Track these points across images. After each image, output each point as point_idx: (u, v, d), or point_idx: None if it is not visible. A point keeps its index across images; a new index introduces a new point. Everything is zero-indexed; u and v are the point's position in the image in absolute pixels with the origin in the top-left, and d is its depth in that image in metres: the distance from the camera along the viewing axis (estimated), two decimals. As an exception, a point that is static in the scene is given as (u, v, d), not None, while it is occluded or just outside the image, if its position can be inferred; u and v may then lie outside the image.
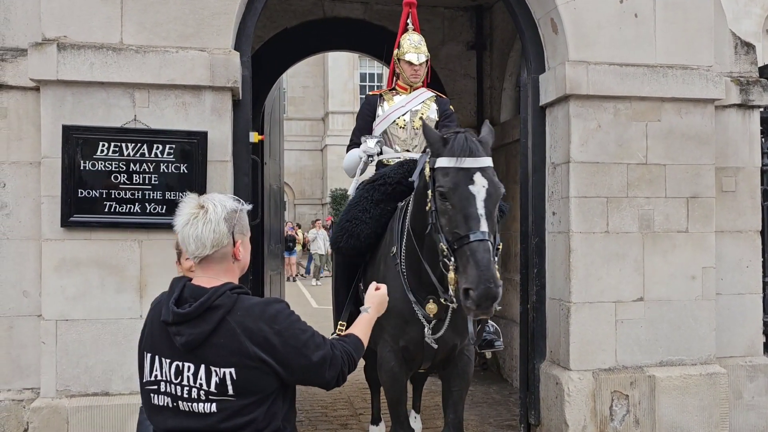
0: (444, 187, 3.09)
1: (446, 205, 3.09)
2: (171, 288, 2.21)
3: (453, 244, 3.03)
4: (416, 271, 3.73)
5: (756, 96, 5.62)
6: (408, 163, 4.28)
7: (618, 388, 5.07)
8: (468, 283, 2.93)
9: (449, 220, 3.08)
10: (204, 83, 4.56)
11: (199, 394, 2.10)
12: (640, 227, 5.16)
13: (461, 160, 3.10)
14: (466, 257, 2.96)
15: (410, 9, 4.91)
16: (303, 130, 32.80)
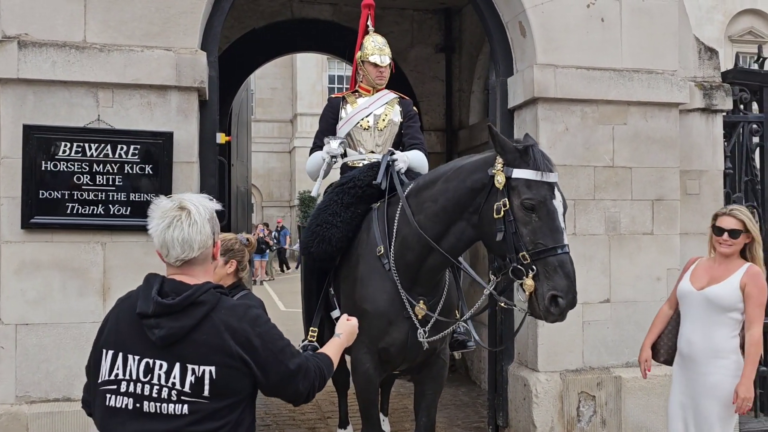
0: (533, 200, 3.22)
1: (531, 216, 3.22)
2: (147, 283, 2.14)
3: (535, 254, 3.17)
4: (413, 271, 3.74)
5: (719, 100, 5.72)
6: (377, 166, 4.26)
7: (585, 389, 5.12)
8: (558, 291, 3.14)
9: (533, 231, 3.21)
10: (170, 83, 4.49)
11: (170, 394, 2.02)
12: (606, 229, 5.21)
13: (545, 174, 3.26)
14: (554, 267, 3.15)
15: (369, 11, 4.90)
16: (271, 132, 32.61)
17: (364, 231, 4.05)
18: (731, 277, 3.67)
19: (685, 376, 3.74)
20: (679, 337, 3.80)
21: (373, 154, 4.58)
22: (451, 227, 3.59)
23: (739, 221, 3.67)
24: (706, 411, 3.65)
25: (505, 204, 3.26)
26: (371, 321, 3.81)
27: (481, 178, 3.44)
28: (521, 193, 3.24)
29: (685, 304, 3.75)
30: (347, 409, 5.43)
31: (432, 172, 3.94)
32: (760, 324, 3.73)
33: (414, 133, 4.70)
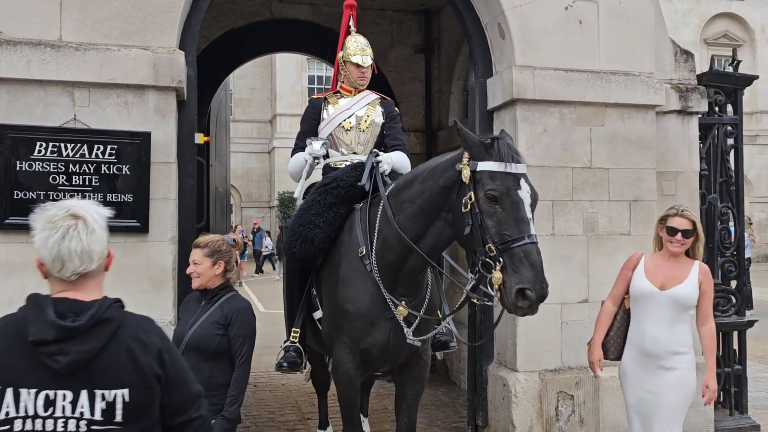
0: (495, 191, 3.18)
1: (495, 208, 3.18)
2: (37, 304, 1.88)
3: (501, 245, 3.13)
4: (394, 272, 3.74)
5: (695, 102, 5.80)
6: (360, 166, 4.26)
7: (563, 389, 5.15)
8: (524, 283, 3.06)
9: (498, 223, 3.17)
10: (147, 82, 4.45)
11: (78, 426, 1.83)
12: (584, 230, 5.25)
13: (509, 165, 3.23)
14: (520, 258, 3.09)
15: (351, 11, 4.89)
16: (250, 132, 32.46)
17: (347, 232, 4.05)
18: (690, 276, 3.76)
19: (646, 372, 3.75)
20: (640, 335, 3.78)
21: (356, 155, 4.58)
22: (430, 227, 3.60)
23: (690, 221, 3.74)
24: (673, 404, 3.74)
25: (471, 197, 3.25)
26: (353, 322, 3.80)
27: (452, 175, 3.44)
28: (485, 184, 3.22)
29: (647, 304, 3.76)
30: (327, 409, 5.42)
31: (410, 173, 3.95)
32: (712, 318, 3.90)
33: (396, 134, 4.71)
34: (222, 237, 3.61)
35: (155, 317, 4.53)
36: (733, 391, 6.02)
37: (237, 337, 3.42)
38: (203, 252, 3.50)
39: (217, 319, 3.43)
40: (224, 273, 3.54)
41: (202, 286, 3.51)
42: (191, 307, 3.57)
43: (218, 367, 3.40)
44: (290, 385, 7.31)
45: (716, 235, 5.99)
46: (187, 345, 3.40)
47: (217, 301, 3.49)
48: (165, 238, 4.51)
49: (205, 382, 3.37)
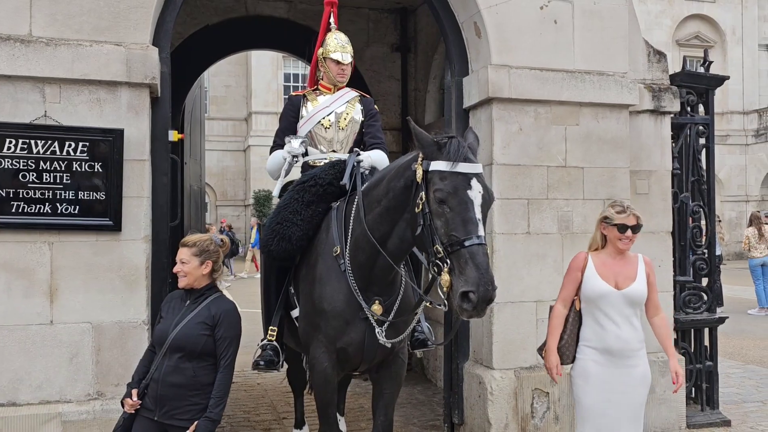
0: (443, 191, 3.11)
1: (444, 208, 3.11)
2: None
3: (449, 247, 3.06)
4: (366, 271, 3.72)
5: (667, 102, 5.87)
6: (339, 164, 4.24)
7: (539, 386, 5.18)
8: (468, 285, 2.97)
9: (446, 223, 3.10)
10: (120, 79, 4.39)
11: None
12: (559, 228, 5.29)
13: (459, 165, 3.14)
14: (465, 260, 3.00)
15: (332, 8, 4.87)
16: (225, 130, 32.22)
17: (324, 230, 4.03)
18: (639, 272, 3.79)
19: (612, 372, 3.70)
20: (600, 335, 3.73)
21: (335, 153, 4.56)
22: (395, 227, 3.56)
23: (635, 217, 3.75)
24: (640, 399, 3.77)
25: (422, 197, 3.20)
26: (329, 321, 3.79)
27: (410, 174, 3.38)
28: (434, 184, 3.15)
29: (604, 304, 3.72)
30: (303, 409, 5.40)
31: (380, 172, 3.90)
32: (661, 306, 3.95)
33: (375, 132, 4.69)
34: (210, 236, 3.59)
35: (128, 317, 4.49)
36: (705, 387, 6.11)
37: (224, 338, 3.39)
38: (191, 251, 3.46)
39: (204, 320, 3.40)
40: (211, 273, 3.51)
41: (188, 285, 3.48)
42: (175, 306, 3.53)
43: (202, 367, 3.38)
44: (266, 385, 7.28)
45: (688, 233, 6.07)
46: (172, 344, 3.37)
47: (203, 301, 3.46)
48: (138, 237, 4.46)
49: (189, 381, 3.34)
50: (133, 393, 3.41)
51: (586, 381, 3.75)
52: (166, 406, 3.34)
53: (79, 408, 4.32)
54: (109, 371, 4.40)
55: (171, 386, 3.34)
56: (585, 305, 3.80)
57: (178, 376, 3.35)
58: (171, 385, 3.35)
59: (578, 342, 3.83)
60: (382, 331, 3.73)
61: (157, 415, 3.36)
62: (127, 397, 3.43)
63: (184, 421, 3.33)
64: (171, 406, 3.34)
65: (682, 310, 6.02)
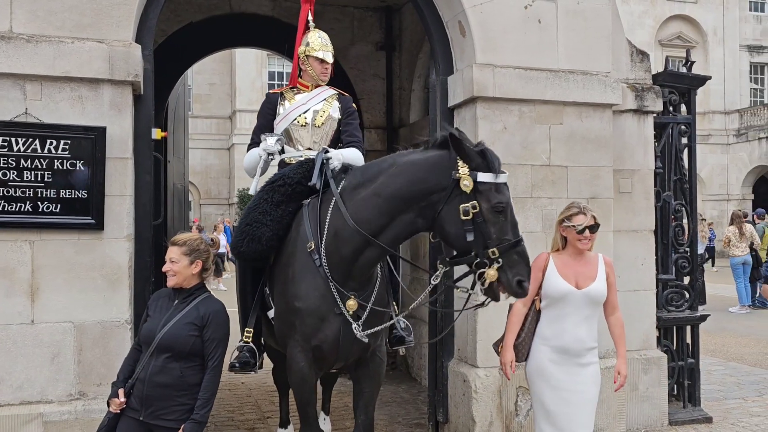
0: (503, 203, 3.45)
1: (500, 218, 3.44)
2: None
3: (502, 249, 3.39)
4: (347, 265, 3.71)
5: (650, 102, 5.91)
6: (308, 163, 4.22)
7: (523, 384, 5.19)
8: (523, 275, 3.41)
9: (500, 230, 3.43)
10: (102, 76, 4.35)
11: None
12: (543, 227, 5.31)
13: (502, 176, 3.49)
14: (518, 258, 3.42)
15: (309, 6, 4.86)
16: (209, 129, 32.07)
17: (295, 228, 4.01)
18: (599, 272, 3.85)
19: (565, 371, 3.76)
20: (558, 334, 3.78)
21: (311, 151, 4.54)
22: (396, 218, 3.60)
23: (592, 216, 3.82)
24: (593, 398, 3.84)
25: (474, 206, 3.40)
26: (304, 319, 3.78)
27: (439, 180, 3.49)
28: (491, 198, 3.42)
29: (566, 303, 3.78)
30: (288, 408, 5.38)
31: (369, 167, 3.88)
32: (618, 306, 4.02)
33: (352, 130, 4.69)
34: (200, 236, 3.57)
35: (110, 317, 4.46)
36: (687, 384, 6.16)
37: (212, 339, 3.37)
38: (181, 250, 3.44)
39: (193, 320, 3.37)
40: (201, 272, 3.49)
41: (177, 284, 3.46)
42: (163, 305, 3.50)
43: (189, 368, 3.36)
44: (250, 384, 7.25)
45: (670, 231, 6.12)
46: (159, 344, 3.34)
47: (192, 301, 3.44)
48: (121, 236, 4.42)
49: (176, 381, 3.31)
50: (120, 393, 3.38)
51: (540, 378, 3.82)
52: (153, 406, 3.32)
53: (61, 408, 4.28)
54: (91, 371, 4.37)
55: (157, 386, 3.32)
56: (545, 304, 3.85)
57: (164, 376, 3.33)
58: (157, 385, 3.32)
59: (534, 338, 3.88)
60: (359, 326, 3.73)
61: (142, 415, 3.33)
62: (113, 397, 3.39)
63: (170, 422, 3.31)
64: (157, 406, 3.32)
65: (664, 308, 6.07)
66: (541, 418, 3.84)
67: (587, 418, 3.80)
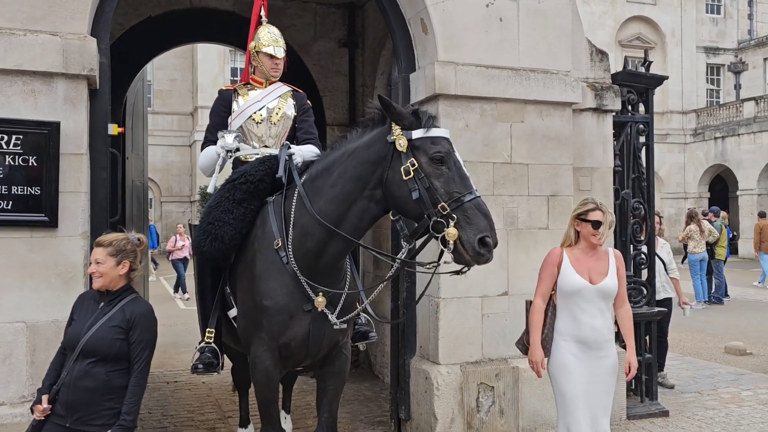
0: (441, 152, 3.37)
1: (442, 169, 3.36)
2: None
3: (451, 203, 3.29)
4: (313, 260, 3.69)
5: (609, 101, 5.99)
6: (269, 160, 4.18)
7: (484, 380, 5.23)
8: (483, 231, 3.25)
9: (446, 183, 3.34)
10: (56, 70, 4.25)
11: None
12: (505, 224, 5.34)
13: (441, 130, 3.46)
14: (473, 211, 3.29)
15: (262, 1, 4.81)
16: (170, 125, 31.63)
17: (260, 226, 3.97)
18: (611, 267, 3.97)
19: (587, 363, 3.88)
20: (576, 327, 3.89)
21: (267, 149, 4.50)
22: (352, 207, 3.60)
23: (605, 214, 3.93)
24: (612, 388, 3.98)
25: (413, 163, 3.37)
26: (272, 316, 3.74)
27: (378, 149, 3.53)
28: (427, 149, 3.38)
29: (581, 298, 3.89)
30: (248, 407, 5.33)
31: (324, 160, 3.88)
32: (627, 299, 4.18)
33: (308, 127, 4.67)
34: (126, 235, 3.45)
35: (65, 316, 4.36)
36: (644, 379, 6.27)
37: (138, 342, 3.27)
38: (107, 251, 3.33)
39: (119, 323, 3.27)
40: (128, 273, 3.39)
41: (104, 287, 3.34)
42: (88, 307, 3.37)
43: (116, 371, 3.24)
44: (210, 383, 7.16)
45: (629, 228, 6.22)
46: (84, 348, 3.22)
47: (118, 303, 3.33)
48: (75, 233, 4.32)
49: (101, 385, 3.19)
50: (44, 399, 3.23)
51: (566, 373, 3.90)
52: (79, 412, 3.19)
53: (13, 411, 4.17)
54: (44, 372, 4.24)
55: (83, 391, 3.19)
56: (561, 299, 3.95)
57: (89, 380, 3.20)
58: (83, 389, 3.19)
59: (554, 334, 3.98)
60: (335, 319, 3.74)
61: (68, 421, 3.19)
62: (36, 403, 3.26)
63: (97, 427, 3.18)
64: (84, 411, 3.19)
65: (623, 304, 6.15)
66: (566, 413, 3.90)
67: (608, 407, 3.93)
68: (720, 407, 6.46)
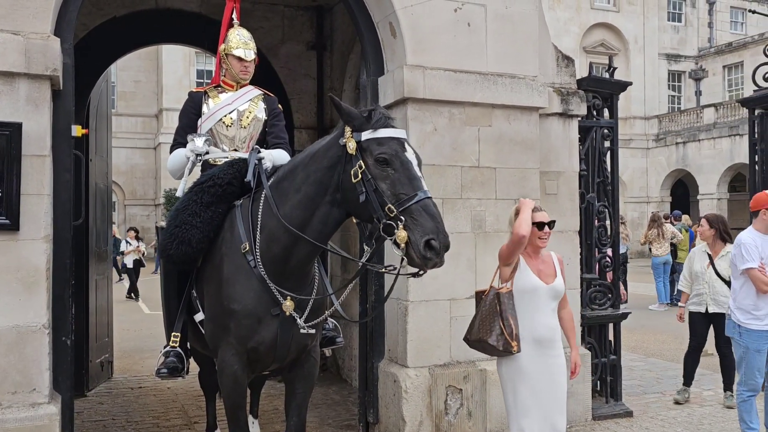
0: (386, 153, 3.26)
1: (387, 170, 3.25)
2: None
3: (398, 205, 3.18)
4: (281, 265, 3.66)
5: (575, 106, 6.07)
6: (238, 163, 4.15)
7: (452, 383, 5.25)
8: (429, 234, 3.11)
9: (392, 185, 3.23)
10: (18, 70, 4.16)
11: None
12: (473, 227, 5.38)
13: (390, 131, 3.34)
14: (420, 212, 3.16)
15: (234, 3, 4.78)
16: (135, 127, 31.20)
17: (228, 230, 3.93)
18: (557, 268, 4.09)
19: (541, 362, 3.92)
20: (532, 327, 3.92)
21: (236, 152, 4.47)
22: (316, 212, 3.57)
23: (546, 214, 4.03)
24: (565, 387, 4.02)
25: (360, 166, 3.30)
26: (239, 321, 3.71)
27: (335, 152, 3.47)
28: (373, 150, 3.29)
29: (537, 297, 3.96)
30: (215, 412, 5.27)
31: (289, 164, 3.88)
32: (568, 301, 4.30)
33: (278, 132, 4.65)
34: None
35: (26, 321, 4.26)
36: (609, 380, 6.36)
37: None
38: None
39: None
40: None
41: None
42: None
43: None
44: (176, 389, 7.07)
45: (594, 232, 6.31)
46: None
47: None
48: (38, 236, 4.23)
49: None
50: None
51: (521, 374, 3.93)
52: None
53: (-28, 419, 4.06)
54: (5, 378, 4.16)
55: None
56: (517, 298, 3.97)
57: None
58: None
59: None
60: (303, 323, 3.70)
61: None
62: None
63: None
64: None
65: (588, 306, 6.24)
66: (519, 414, 3.93)
67: (563, 405, 3.98)
68: (683, 407, 6.58)
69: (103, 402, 6.69)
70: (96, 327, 7.15)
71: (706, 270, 6.64)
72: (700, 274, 6.68)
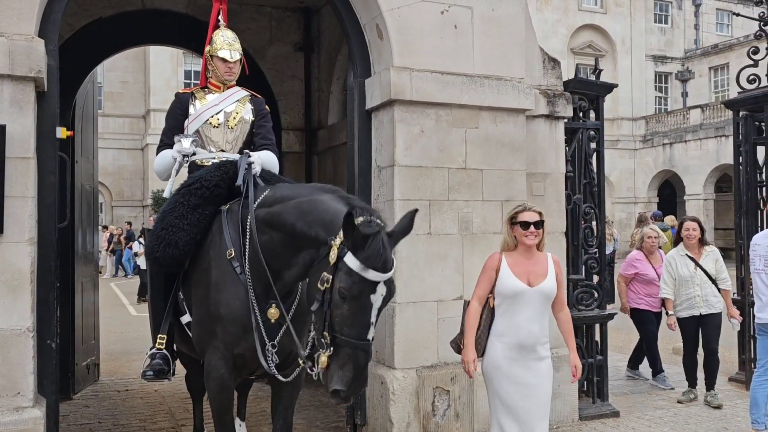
0: (348, 293, 3.02)
1: (344, 306, 3.04)
2: None
3: (336, 338, 3.04)
4: (267, 280, 3.60)
5: (561, 108, 6.10)
6: (226, 165, 4.13)
7: (440, 384, 5.26)
8: (341, 384, 3.01)
9: (342, 319, 3.04)
10: (1, 71, 4.13)
11: None
12: (460, 229, 5.39)
13: (370, 272, 3.02)
14: (347, 358, 3.02)
15: (221, 5, 4.77)
16: (122, 128, 31.02)
17: (216, 233, 3.92)
18: (549, 270, 4.03)
19: (521, 365, 3.91)
20: (513, 330, 3.92)
21: (224, 153, 4.46)
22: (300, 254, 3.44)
23: (537, 213, 3.99)
24: (548, 390, 4.01)
25: (327, 281, 3.09)
26: (226, 326, 3.70)
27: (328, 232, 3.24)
28: (341, 279, 3.04)
29: (520, 301, 3.93)
30: (203, 415, 5.24)
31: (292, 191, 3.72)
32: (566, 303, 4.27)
33: (266, 133, 4.63)
34: None
35: (10, 324, 4.24)
36: (596, 380, 6.38)
37: None
38: None
39: None
40: None
41: None
42: None
43: None
44: (163, 391, 7.04)
45: (580, 233, 6.33)
46: None
47: None
48: (22, 239, 4.20)
49: None
50: None
51: (497, 372, 3.95)
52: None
53: (-45, 423, 4.03)
54: (-11, 382, 4.12)
55: None
56: (499, 302, 3.98)
57: None
58: None
59: (489, 336, 4.01)
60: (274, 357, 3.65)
61: None
62: None
63: None
64: None
65: (575, 307, 6.26)
66: (500, 413, 3.94)
67: (544, 410, 3.96)
68: (668, 407, 6.62)
69: (89, 405, 6.64)
70: (82, 329, 7.11)
71: (696, 273, 6.66)
72: (689, 278, 6.67)
